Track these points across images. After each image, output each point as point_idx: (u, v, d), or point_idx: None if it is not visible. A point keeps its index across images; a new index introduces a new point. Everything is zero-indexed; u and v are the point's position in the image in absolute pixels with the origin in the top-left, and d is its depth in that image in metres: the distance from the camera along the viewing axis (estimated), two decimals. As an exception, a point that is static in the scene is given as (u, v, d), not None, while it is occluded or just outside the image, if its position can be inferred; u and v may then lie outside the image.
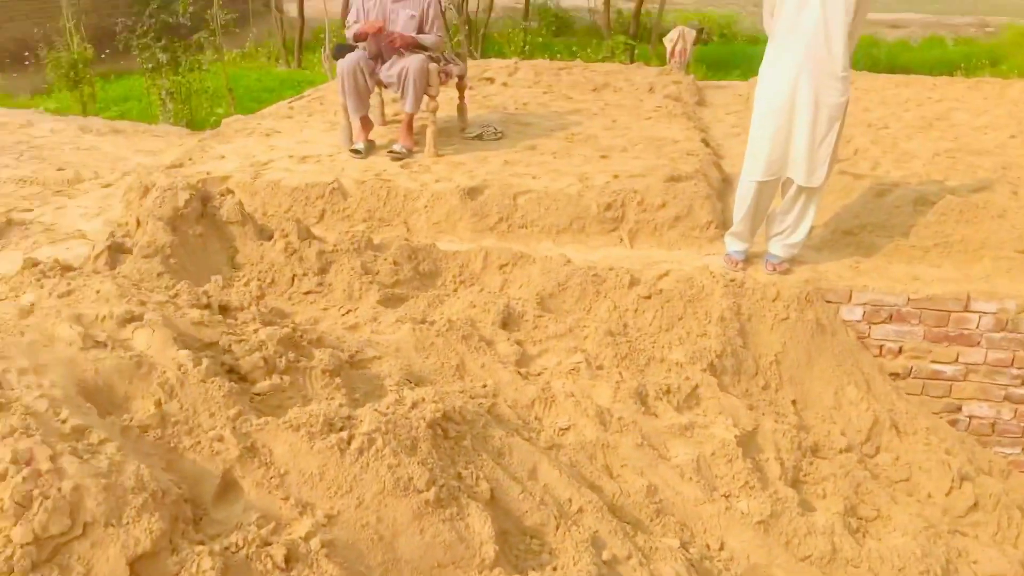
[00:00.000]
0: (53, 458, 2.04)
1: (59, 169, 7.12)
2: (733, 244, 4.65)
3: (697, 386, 3.77)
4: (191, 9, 11.38)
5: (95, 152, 7.87)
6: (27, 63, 13.55)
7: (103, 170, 7.13)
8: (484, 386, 3.42)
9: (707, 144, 6.34)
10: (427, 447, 2.60)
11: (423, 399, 2.84)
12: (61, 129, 8.73)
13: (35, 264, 3.28)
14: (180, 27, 11.60)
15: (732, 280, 4.35)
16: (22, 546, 1.89)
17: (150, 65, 10.90)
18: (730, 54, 15.50)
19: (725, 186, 5.73)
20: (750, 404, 3.88)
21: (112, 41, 13.71)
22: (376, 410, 2.68)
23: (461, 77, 6.33)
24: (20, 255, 4.66)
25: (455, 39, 14.74)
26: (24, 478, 1.97)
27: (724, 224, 5.02)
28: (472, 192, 5.08)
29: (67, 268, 3.32)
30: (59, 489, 1.97)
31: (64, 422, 2.19)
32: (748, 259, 4.65)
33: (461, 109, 6.55)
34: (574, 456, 3.17)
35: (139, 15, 11.59)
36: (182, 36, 11.52)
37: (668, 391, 3.70)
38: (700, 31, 13.39)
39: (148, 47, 10.75)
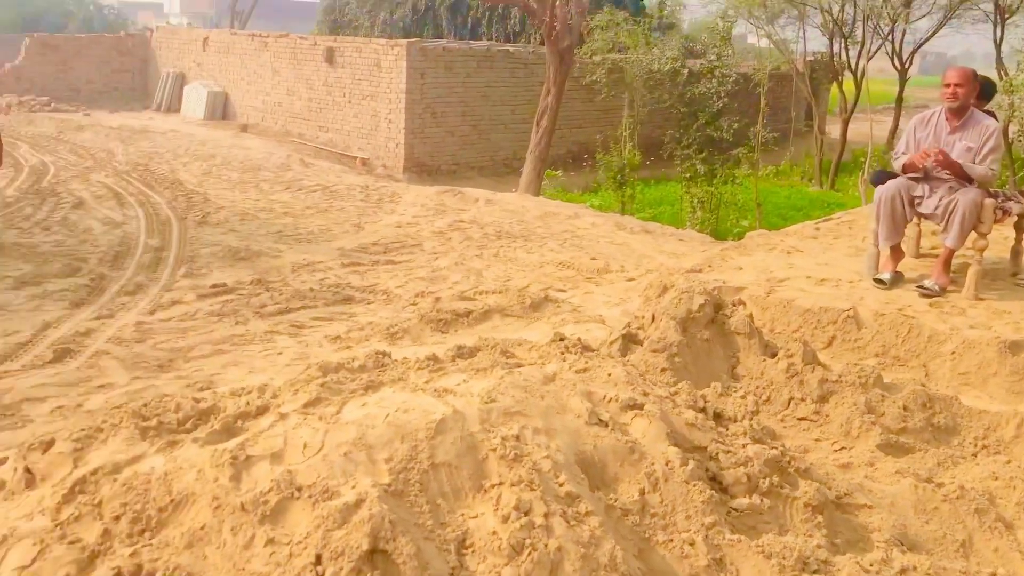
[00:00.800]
0: (547, 515, 2.22)
1: (592, 258, 8.01)
2: None
3: None
4: (736, 126, 12.09)
5: (625, 247, 8.70)
6: (584, 164, 15.67)
7: (629, 264, 7.83)
8: (993, 574, 2.89)
9: None
10: (913, 624, 2.27)
11: (915, 567, 2.50)
12: (600, 223, 9.85)
13: (562, 339, 3.67)
14: (722, 142, 12.38)
15: None
16: (507, 587, 2.08)
17: (688, 175, 11.80)
18: None
19: None
20: None
21: (658, 150, 15.20)
22: (858, 563, 2.43)
23: (1021, 216, 5.61)
24: (549, 328, 5.29)
25: (1020, 174, 13.23)
26: (521, 525, 2.17)
27: None
28: (1015, 346, 4.41)
29: (586, 348, 3.66)
30: (546, 545, 2.14)
31: (561, 485, 2.38)
32: None
33: (1016, 252, 5.79)
34: None
35: (687, 128, 12.65)
36: (723, 150, 12.28)
37: None
38: None
39: (690, 158, 11.67)
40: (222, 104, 19.86)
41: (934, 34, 18.90)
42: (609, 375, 3.07)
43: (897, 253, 5.58)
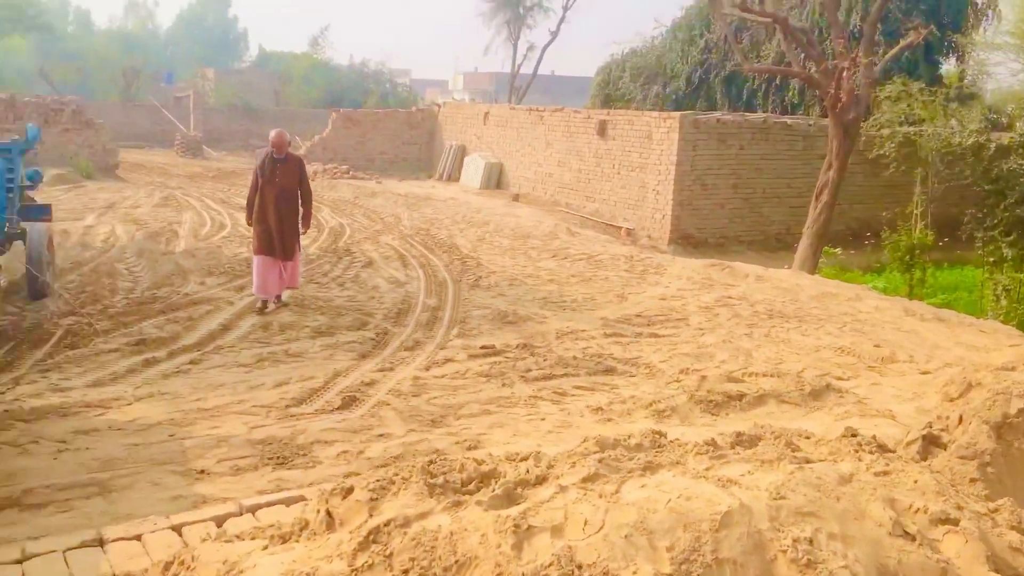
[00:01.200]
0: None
1: (876, 345, 7.36)
2: None
3: None
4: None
5: (913, 336, 7.92)
6: (866, 242, 14.62)
7: (919, 355, 7.11)
8: None
9: None
10: None
11: None
12: (885, 308, 9.07)
13: (854, 435, 3.35)
14: (1036, 223, 11.02)
15: None
16: None
17: (992, 259, 10.56)
18: None
19: None
20: None
21: (954, 231, 13.84)
22: None
23: None
24: (831, 420, 4.89)
25: None
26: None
27: None
28: None
29: (883, 447, 3.31)
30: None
31: (861, 604, 2.12)
32: None
33: None
34: None
35: (992, 208, 11.37)
36: (1035, 233, 10.91)
37: None
38: None
39: (995, 240, 10.45)
40: (497, 174, 21.04)
41: None
42: (916, 482, 2.73)
43: None
